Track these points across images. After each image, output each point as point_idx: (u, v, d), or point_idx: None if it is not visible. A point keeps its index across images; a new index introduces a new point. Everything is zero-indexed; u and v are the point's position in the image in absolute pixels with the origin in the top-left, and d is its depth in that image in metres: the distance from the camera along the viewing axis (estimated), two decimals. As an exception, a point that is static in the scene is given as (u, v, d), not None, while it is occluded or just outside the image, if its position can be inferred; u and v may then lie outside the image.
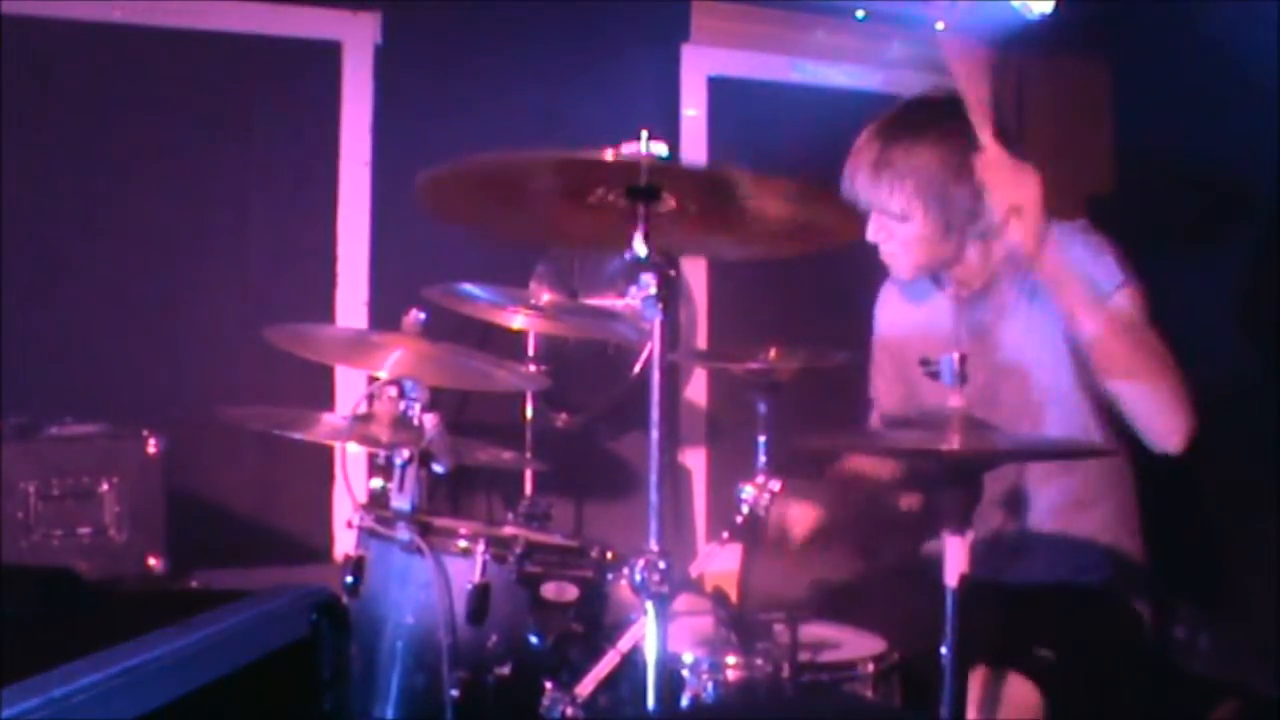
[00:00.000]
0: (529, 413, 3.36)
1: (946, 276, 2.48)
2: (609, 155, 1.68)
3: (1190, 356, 2.34)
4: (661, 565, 1.74)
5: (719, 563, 2.09)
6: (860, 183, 2.36)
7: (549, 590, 2.10)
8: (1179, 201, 3.33)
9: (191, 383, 3.38)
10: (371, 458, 2.90)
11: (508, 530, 2.24)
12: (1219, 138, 3.16)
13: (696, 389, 3.99)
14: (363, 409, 2.28)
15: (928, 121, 2.36)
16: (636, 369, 3.31)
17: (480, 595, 2.05)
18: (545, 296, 2.61)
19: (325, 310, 3.57)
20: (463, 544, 2.09)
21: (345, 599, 2.12)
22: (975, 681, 2.03)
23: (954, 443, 1.72)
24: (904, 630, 2.07)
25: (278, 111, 3.55)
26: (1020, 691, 2.10)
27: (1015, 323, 2.38)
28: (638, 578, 1.75)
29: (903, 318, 2.63)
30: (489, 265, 2.73)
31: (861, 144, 2.39)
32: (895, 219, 2.35)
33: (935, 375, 1.77)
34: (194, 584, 2.93)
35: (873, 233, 2.38)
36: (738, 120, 3.98)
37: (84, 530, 2.77)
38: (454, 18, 3.66)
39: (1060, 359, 2.33)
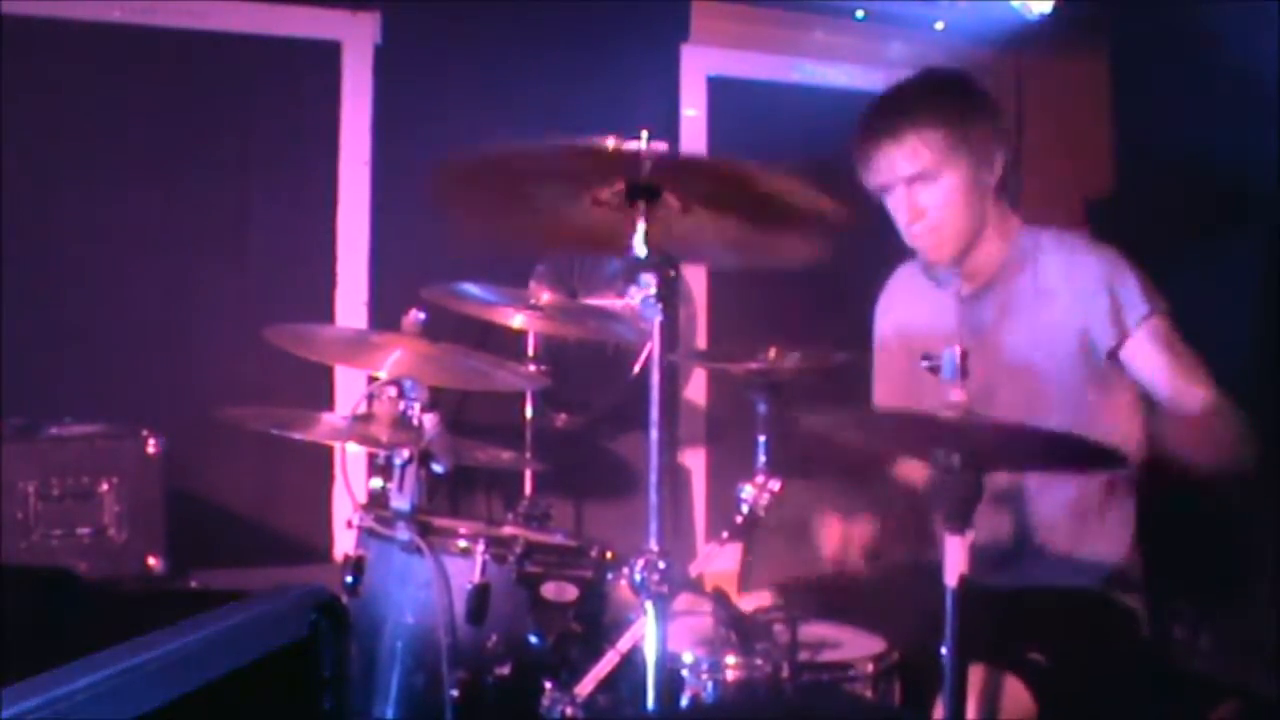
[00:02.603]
0: (529, 413, 3.36)
1: (951, 273, 2.47)
2: (610, 144, 1.68)
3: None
4: (661, 565, 1.74)
5: (719, 562, 2.09)
6: (881, 151, 2.34)
7: (549, 590, 2.10)
8: (1179, 201, 3.33)
9: (191, 383, 3.39)
10: (371, 458, 2.90)
11: (507, 530, 2.25)
12: (1219, 137, 3.16)
13: (696, 389, 3.99)
14: (362, 409, 2.28)
15: (934, 84, 2.41)
16: (636, 369, 3.31)
17: (480, 595, 2.05)
18: (545, 296, 2.61)
19: (325, 310, 3.57)
20: (462, 544, 2.09)
21: (345, 599, 2.12)
22: (973, 681, 2.03)
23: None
24: (903, 630, 2.07)
25: (278, 111, 3.56)
26: (1018, 691, 2.10)
27: (1017, 323, 2.38)
28: (637, 577, 1.74)
29: (903, 319, 2.62)
30: (489, 265, 2.73)
31: (870, 118, 2.38)
32: (924, 181, 2.33)
33: (936, 370, 1.76)
34: (193, 584, 2.93)
35: (902, 213, 2.37)
36: (737, 120, 3.98)
37: (83, 530, 2.77)
38: (453, 18, 3.66)
39: (1061, 361, 2.32)
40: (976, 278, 2.43)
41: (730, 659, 1.96)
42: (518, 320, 2.62)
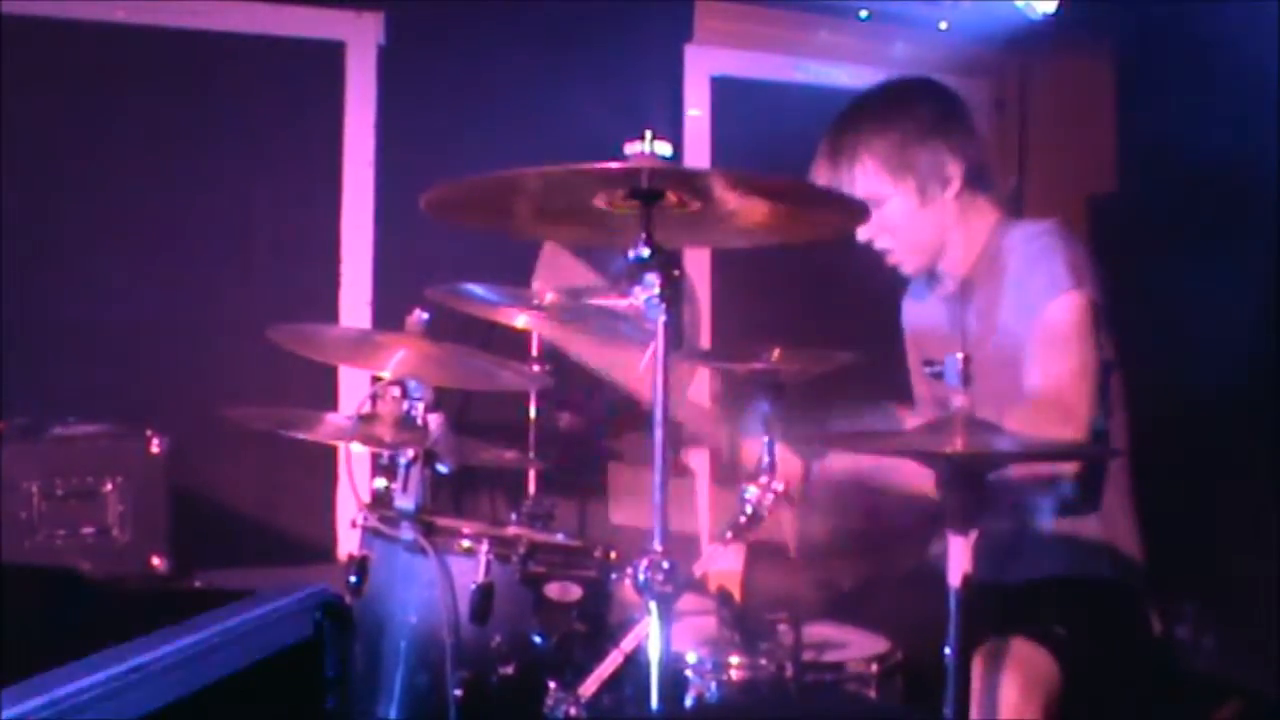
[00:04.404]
0: (533, 412, 3.36)
1: (942, 273, 2.49)
2: (612, 165, 1.67)
3: (1191, 356, 2.33)
4: (665, 565, 1.74)
5: (723, 562, 2.09)
6: (829, 179, 2.39)
7: (553, 590, 2.10)
8: (1181, 200, 3.33)
9: (195, 382, 3.39)
10: (375, 457, 2.89)
11: (511, 530, 2.25)
12: (1221, 137, 3.16)
13: (700, 389, 3.99)
14: (366, 409, 2.28)
15: (875, 107, 2.42)
16: (640, 369, 3.30)
17: (484, 595, 2.05)
18: (549, 296, 2.61)
19: (329, 310, 3.58)
20: (466, 544, 2.09)
21: (349, 599, 2.12)
22: (1001, 652, 2.04)
23: (957, 443, 1.71)
24: (907, 630, 2.07)
25: (281, 112, 3.56)
26: (1019, 686, 2.09)
27: (994, 319, 2.38)
28: (641, 577, 1.74)
29: (913, 317, 2.66)
30: (492, 264, 2.73)
31: (821, 148, 2.43)
32: (873, 206, 2.36)
33: (939, 376, 1.77)
34: (197, 584, 2.93)
35: (860, 234, 2.40)
36: (741, 120, 3.98)
37: (87, 530, 2.78)
38: (457, 18, 3.66)
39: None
40: (956, 277, 2.46)
41: (734, 659, 1.97)
42: (521, 320, 2.61)
